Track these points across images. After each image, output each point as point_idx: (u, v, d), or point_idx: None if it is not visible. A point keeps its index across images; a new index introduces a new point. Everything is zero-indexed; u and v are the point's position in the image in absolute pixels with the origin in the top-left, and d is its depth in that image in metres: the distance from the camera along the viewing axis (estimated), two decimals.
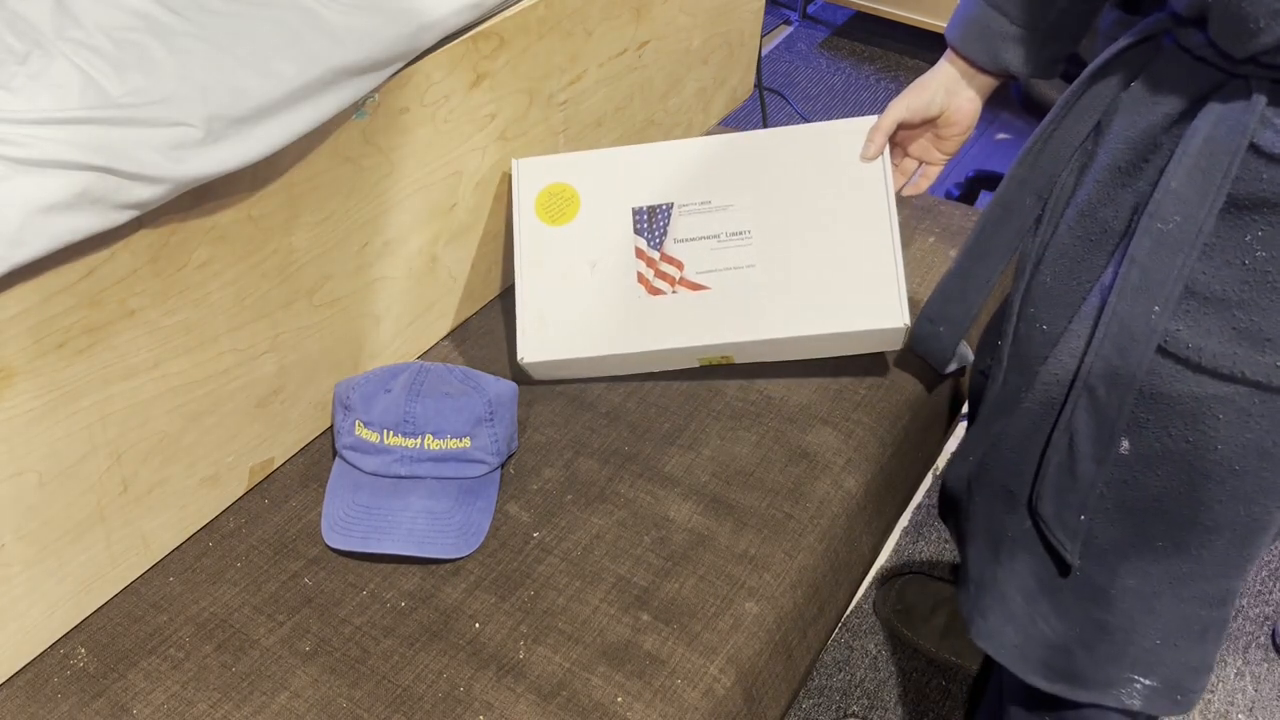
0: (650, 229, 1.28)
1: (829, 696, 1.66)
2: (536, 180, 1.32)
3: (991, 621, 1.16)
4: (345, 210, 1.15)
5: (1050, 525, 1.05)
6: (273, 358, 1.14)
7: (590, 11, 1.38)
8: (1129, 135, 0.95)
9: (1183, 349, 0.92)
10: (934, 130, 1.22)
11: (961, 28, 1.13)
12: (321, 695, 1.01)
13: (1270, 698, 1.70)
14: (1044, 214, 1.07)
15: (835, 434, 1.28)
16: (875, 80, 3.12)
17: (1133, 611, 1.06)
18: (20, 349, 0.89)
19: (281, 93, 0.96)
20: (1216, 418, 0.93)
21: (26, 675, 1.02)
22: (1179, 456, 0.96)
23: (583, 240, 1.30)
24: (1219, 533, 1.00)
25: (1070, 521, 1.04)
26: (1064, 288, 1.02)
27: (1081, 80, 1.01)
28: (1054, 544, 1.06)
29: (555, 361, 1.28)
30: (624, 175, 1.31)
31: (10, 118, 0.81)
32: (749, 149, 1.30)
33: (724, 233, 1.27)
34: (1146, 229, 0.91)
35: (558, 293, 1.28)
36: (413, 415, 1.14)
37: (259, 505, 1.18)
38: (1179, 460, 0.97)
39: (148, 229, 0.95)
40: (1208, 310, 0.90)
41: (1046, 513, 1.05)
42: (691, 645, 1.06)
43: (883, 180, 1.26)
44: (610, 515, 1.18)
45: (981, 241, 1.15)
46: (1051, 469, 1.03)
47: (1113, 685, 1.11)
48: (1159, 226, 0.91)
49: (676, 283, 1.27)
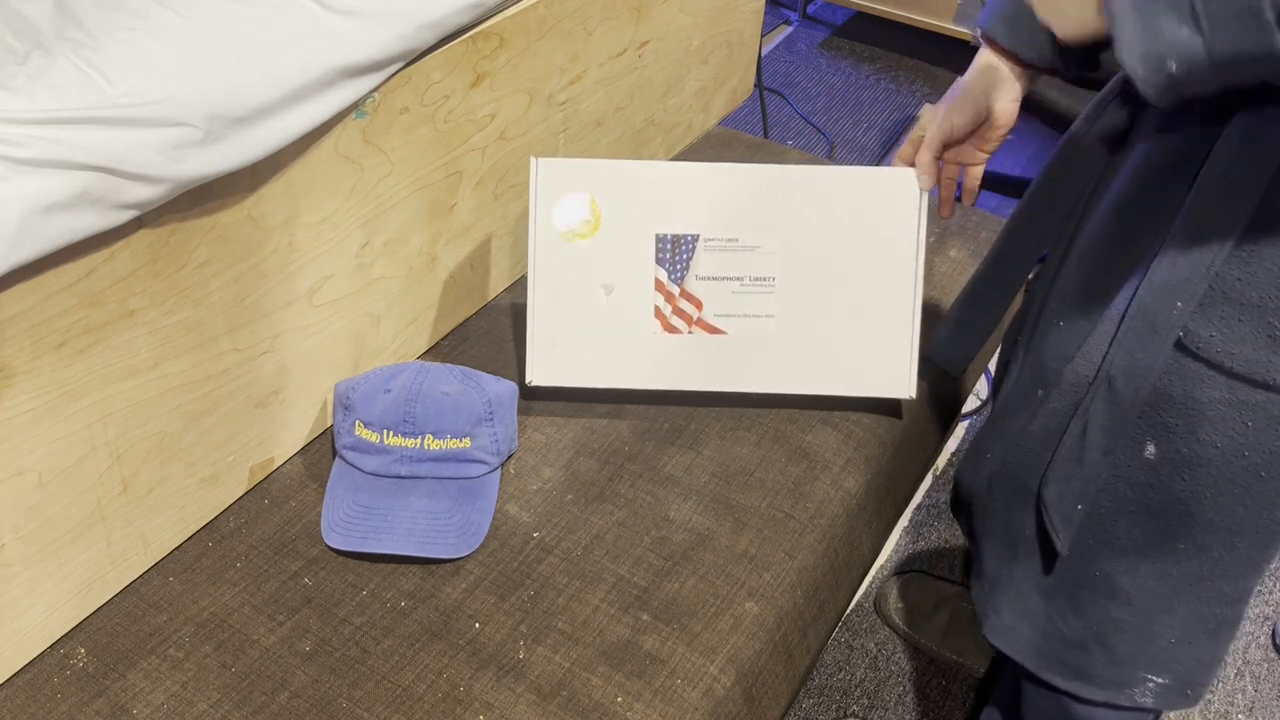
0: (673, 261, 1.24)
1: (829, 696, 1.66)
2: (557, 187, 1.24)
3: (1005, 618, 1.16)
4: (345, 210, 1.15)
5: (1048, 510, 1.06)
6: (273, 358, 1.14)
7: (590, 11, 1.38)
8: (1164, 138, 0.95)
9: (1216, 354, 0.92)
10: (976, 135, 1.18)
11: (1001, 20, 1.08)
12: (321, 695, 1.01)
13: (1270, 698, 1.70)
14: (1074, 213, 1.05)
15: (835, 434, 1.28)
16: (875, 80, 3.12)
17: (1151, 611, 1.07)
18: (20, 349, 0.89)
19: (281, 93, 0.96)
20: (1246, 424, 0.93)
21: (26, 675, 1.02)
22: (1206, 461, 0.96)
23: (601, 260, 1.25)
24: (1242, 536, 1.00)
25: (1067, 509, 1.04)
26: (1088, 288, 1.02)
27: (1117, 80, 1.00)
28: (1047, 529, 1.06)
29: (563, 388, 1.28)
30: (650, 194, 1.24)
31: (10, 118, 0.81)
32: (784, 186, 1.23)
33: (748, 276, 1.24)
34: (1179, 229, 0.91)
35: (570, 315, 1.25)
36: (413, 415, 1.14)
37: (259, 505, 1.18)
38: (1206, 465, 0.97)
39: (148, 229, 0.95)
40: (1242, 316, 0.90)
41: (1048, 497, 1.05)
42: (691, 645, 1.06)
43: (914, 237, 1.22)
44: (610, 515, 1.18)
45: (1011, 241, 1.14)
46: (1061, 456, 1.03)
47: (1127, 685, 1.11)
48: (1191, 226, 0.90)
49: (694, 323, 1.25)
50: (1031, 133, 2.68)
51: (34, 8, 0.91)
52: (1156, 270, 0.93)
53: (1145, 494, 1.01)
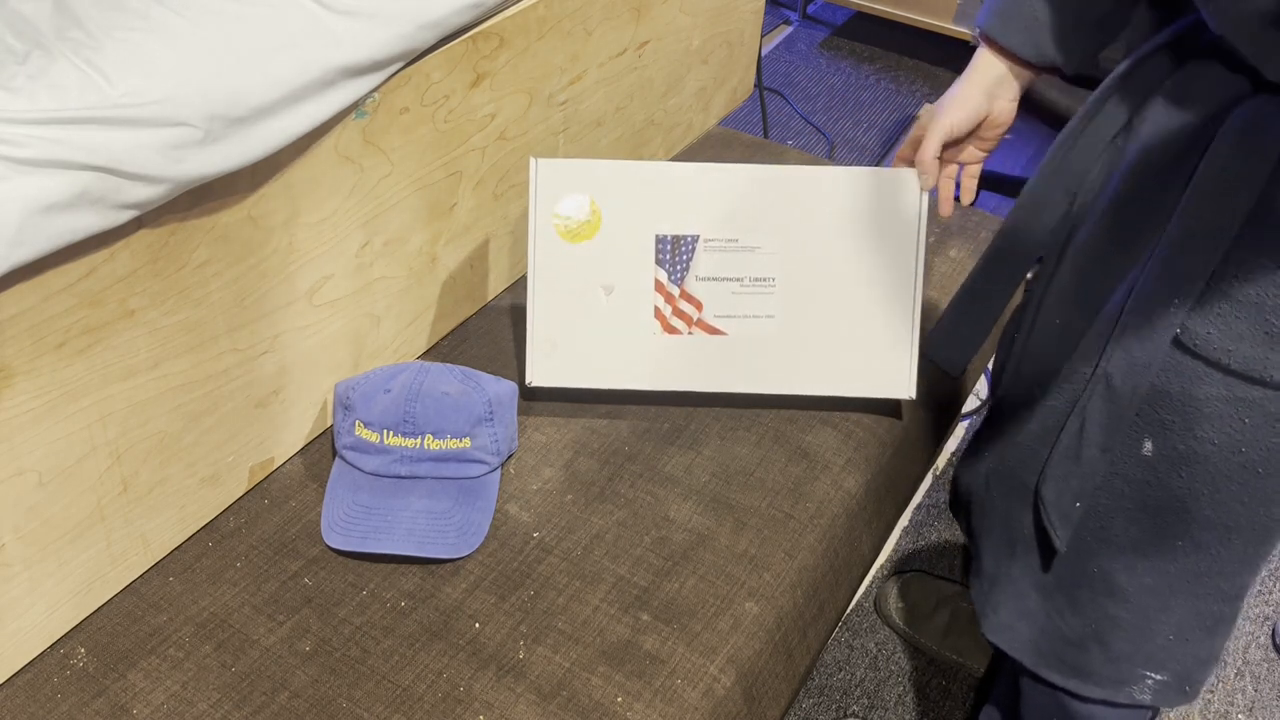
0: (673, 261, 1.24)
1: (829, 696, 1.66)
2: (557, 189, 1.23)
3: (1004, 616, 1.17)
4: (345, 210, 1.15)
5: (1046, 507, 1.06)
6: (273, 358, 1.14)
7: (590, 11, 1.38)
8: (1161, 134, 0.94)
9: (1213, 351, 0.92)
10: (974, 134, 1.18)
11: (1000, 18, 1.07)
12: (321, 695, 1.01)
13: (1270, 698, 1.70)
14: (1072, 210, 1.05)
15: (835, 434, 1.28)
16: (875, 80, 3.12)
17: (1148, 608, 1.07)
18: (20, 349, 0.89)
19: (281, 93, 0.96)
20: (1244, 421, 0.93)
21: (26, 675, 1.02)
22: (1203, 458, 0.97)
23: (601, 261, 1.24)
24: (1239, 532, 1.00)
25: (1066, 507, 1.04)
26: (1085, 285, 1.01)
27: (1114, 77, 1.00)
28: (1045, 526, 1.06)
29: (563, 389, 1.28)
30: (650, 194, 1.24)
31: (10, 118, 0.81)
32: (784, 186, 1.23)
33: (748, 277, 1.24)
34: (1176, 226, 0.91)
35: (570, 316, 1.25)
36: (413, 415, 1.14)
37: (259, 505, 1.18)
38: (1203, 462, 0.97)
39: (148, 229, 0.95)
40: (1240, 313, 0.90)
41: (1046, 495, 1.06)
42: (691, 645, 1.06)
43: (915, 237, 1.22)
44: (610, 515, 1.18)
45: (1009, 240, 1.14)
46: (1058, 453, 1.03)
47: (1125, 682, 1.11)
48: (1188, 223, 0.90)
49: (694, 324, 1.25)
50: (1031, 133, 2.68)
51: (34, 8, 0.91)
52: (1153, 267, 0.93)
53: (1142, 491, 1.01)
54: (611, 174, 1.24)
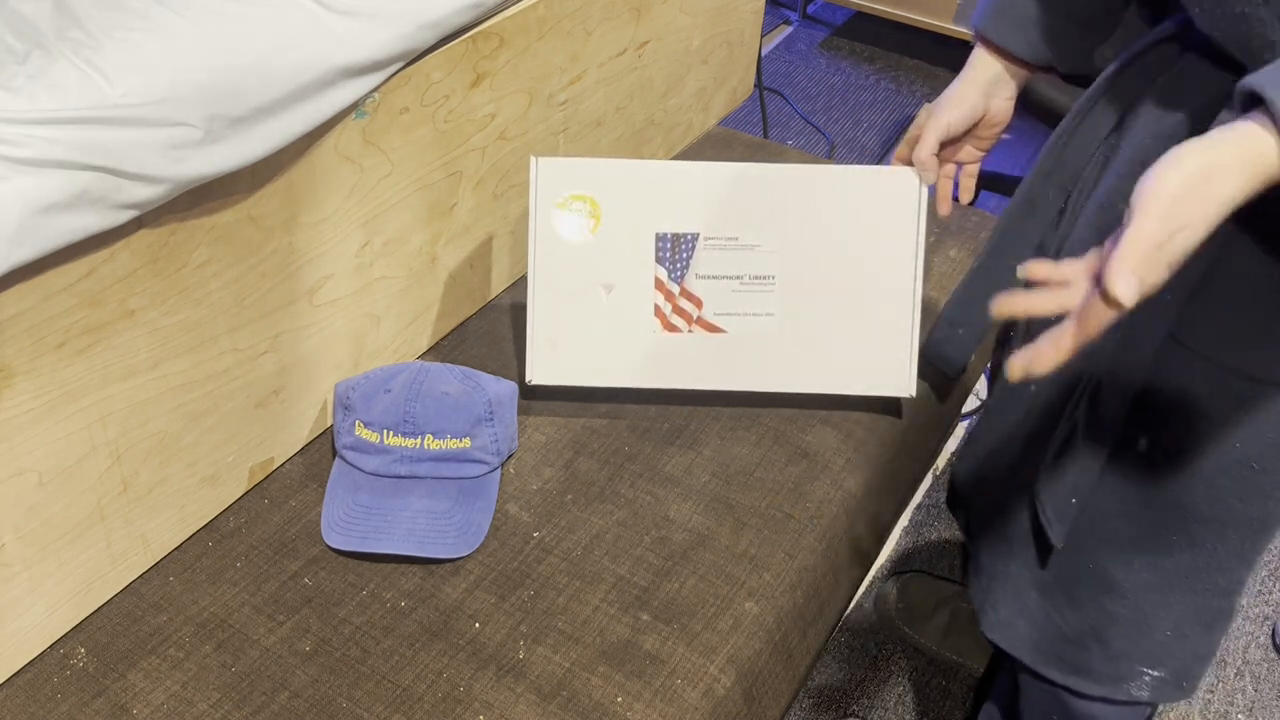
0: (673, 260, 1.24)
1: (829, 696, 1.66)
2: (557, 187, 1.24)
3: (1003, 614, 1.17)
4: (345, 210, 1.15)
5: (1043, 505, 1.06)
6: (273, 358, 1.14)
7: (590, 11, 1.38)
8: (1152, 131, 0.95)
9: (1208, 347, 0.92)
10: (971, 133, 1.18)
11: (994, 18, 1.08)
12: (321, 695, 1.01)
13: (1270, 698, 1.70)
14: (1066, 208, 1.06)
15: (835, 434, 1.28)
16: (875, 80, 3.12)
17: (1145, 604, 1.07)
18: (20, 349, 0.89)
19: (281, 93, 0.96)
20: (1240, 416, 0.93)
21: (26, 675, 1.02)
22: (1199, 454, 0.97)
23: (601, 260, 1.25)
24: (1235, 527, 1.00)
25: (1062, 504, 1.04)
26: None
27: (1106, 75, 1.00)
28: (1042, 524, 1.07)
29: (562, 387, 1.28)
30: (650, 193, 1.24)
31: (10, 118, 0.81)
32: (784, 185, 1.24)
33: (748, 275, 1.24)
34: None
35: (570, 314, 1.25)
36: (413, 415, 1.14)
37: (259, 505, 1.18)
38: (1199, 458, 0.97)
39: (148, 229, 0.95)
40: (1234, 310, 0.90)
41: (1043, 492, 1.06)
42: (691, 645, 1.06)
43: (914, 236, 1.22)
44: (610, 515, 1.18)
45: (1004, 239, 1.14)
46: (1054, 450, 1.04)
47: (1123, 679, 1.12)
48: None
49: (694, 321, 1.25)
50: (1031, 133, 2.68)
51: (34, 8, 0.91)
52: None
53: (1139, 487, 1.01)
54: (611, 173, 1.25)
